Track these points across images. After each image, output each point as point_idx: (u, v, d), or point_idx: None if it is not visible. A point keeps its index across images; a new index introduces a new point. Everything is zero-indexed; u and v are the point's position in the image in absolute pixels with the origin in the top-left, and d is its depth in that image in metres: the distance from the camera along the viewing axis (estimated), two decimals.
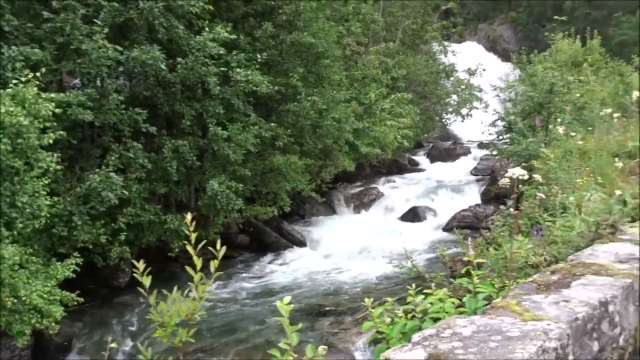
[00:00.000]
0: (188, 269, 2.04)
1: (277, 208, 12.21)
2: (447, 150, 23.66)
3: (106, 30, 8.40)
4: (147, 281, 2.07)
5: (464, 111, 23.93)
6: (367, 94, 17.39)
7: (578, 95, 12.07)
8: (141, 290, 1.99)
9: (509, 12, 42.12)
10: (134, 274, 2.05)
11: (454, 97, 24.29)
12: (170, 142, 9.71)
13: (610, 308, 2.11)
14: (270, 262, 12.10)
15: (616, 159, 5.67)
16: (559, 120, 9.49)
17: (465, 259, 3.54)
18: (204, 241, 2.07)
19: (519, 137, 11.62)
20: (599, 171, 5.89)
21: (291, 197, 13.16)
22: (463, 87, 24.02)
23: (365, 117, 16.67)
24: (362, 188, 17.52)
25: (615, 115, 7.03)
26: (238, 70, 10.23)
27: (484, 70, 24.50)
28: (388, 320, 2.95)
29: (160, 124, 10.22)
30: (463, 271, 3.44)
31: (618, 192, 4.21)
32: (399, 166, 20.90)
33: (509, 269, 3.33)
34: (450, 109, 24.49)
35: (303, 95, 12.54)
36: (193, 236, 2.05)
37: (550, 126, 10.43)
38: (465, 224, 13.48)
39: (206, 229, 11.10)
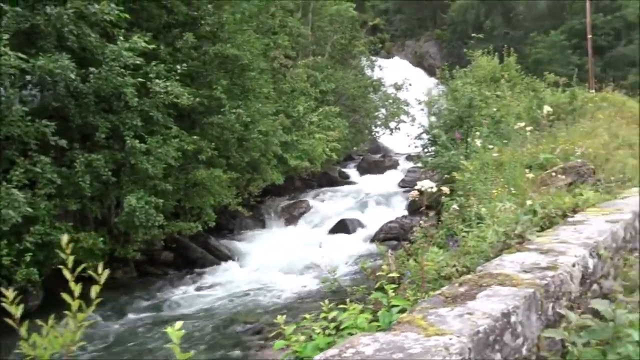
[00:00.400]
0: (64, 295, 1.87)
1: (202, 223, 11.82)
2: (377, 162, 24.11)
3: (7, 36, 7.76)
4: (17, 311, 1.89)
5: (392, 124, 24.48)
6: (296, 107, 17.36)
7: (495, 109, 12.57)
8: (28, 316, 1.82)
9: (434, 29, 43.97)
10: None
11: (383, 110, 24.81)
12: (82, 155, 9.13)
13: (513, 319, 2.08)
14: (194, 279, 11.64)
15: (528, 170, 5.89)
16: (477, 133, 9.80)
17: (378, 273, 3.48)
18: (83, 265, 1.97)
19: (442, 150, 11.87)
20: (512, 182, 6.09)
21: (218, 212, 12.80)
22: (391, 101, 24.62)
23: (293, 130, 16.62)
24: (292, 201, 17.39)
25: (529, 128, 7.35)
26: (157, 81, 9.83)
27: (410, 85, 25.26)
28: (302, 338, 2.82)
29: (73, 137, 9.62)
30: (377, 285, 3.38)
31: (529, 202, 4.32)
32: (330, 179, 20.97)
33: (425, 281, 3.29)
34: (379, 122, 24.99)
35: (227, 108, 12.28)
36: (70, 259, 1.90)
37: (469, 139, 10.75)
38: (392, 235, 13.62)
39: (125, 247, 10.58)
